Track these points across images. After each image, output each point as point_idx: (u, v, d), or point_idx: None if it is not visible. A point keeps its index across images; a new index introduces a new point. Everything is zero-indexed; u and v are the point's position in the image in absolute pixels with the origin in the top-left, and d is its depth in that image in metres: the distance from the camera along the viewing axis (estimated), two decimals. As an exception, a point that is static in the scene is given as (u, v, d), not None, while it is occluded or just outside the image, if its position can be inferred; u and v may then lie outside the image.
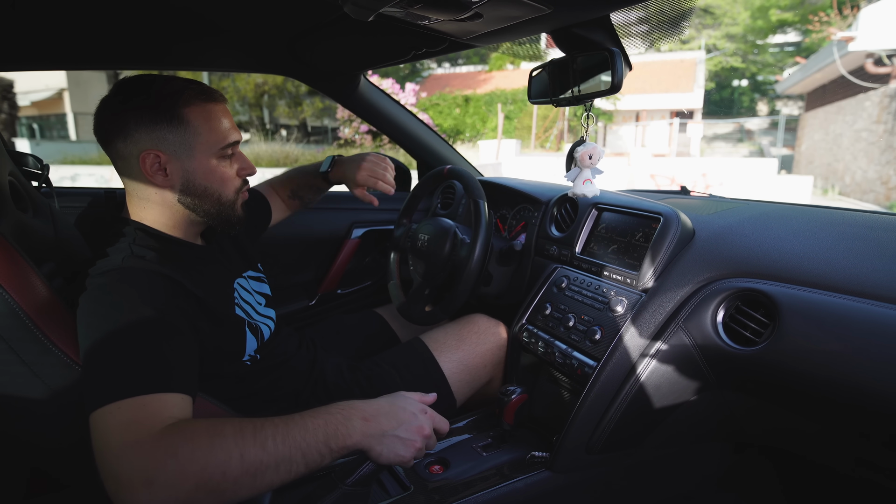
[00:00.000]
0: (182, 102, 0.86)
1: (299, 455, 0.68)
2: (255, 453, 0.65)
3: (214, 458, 0.63)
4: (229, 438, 0.65)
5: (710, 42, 19.98)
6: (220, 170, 0.91)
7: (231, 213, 0.96)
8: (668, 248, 1.04)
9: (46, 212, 1.05)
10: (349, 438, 0.72)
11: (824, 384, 0.79)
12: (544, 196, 1.45)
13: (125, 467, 0.61)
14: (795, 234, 0.99)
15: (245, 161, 0.97)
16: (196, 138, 0.87)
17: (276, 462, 0.66)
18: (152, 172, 0.86)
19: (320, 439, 0.70)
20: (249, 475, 0.64)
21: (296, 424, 0.70)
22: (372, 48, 1.27)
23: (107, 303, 0.75)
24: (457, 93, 15.54)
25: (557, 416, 1.09)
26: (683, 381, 0.97)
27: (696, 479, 1.21)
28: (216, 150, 0.90)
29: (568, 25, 0.95)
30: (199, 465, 0.62)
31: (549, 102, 1.10)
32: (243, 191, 0.98)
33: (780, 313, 0.84)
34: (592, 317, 1.09)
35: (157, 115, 0.84)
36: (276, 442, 0.67)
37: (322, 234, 1.75)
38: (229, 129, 0.92)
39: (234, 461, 0.64)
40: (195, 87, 0.89)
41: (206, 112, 0.88)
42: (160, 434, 0.64)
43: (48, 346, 0.73)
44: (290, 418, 0.71)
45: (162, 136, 0.85)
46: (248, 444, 0.65)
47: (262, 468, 0.65)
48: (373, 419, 0.76)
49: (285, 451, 0.67)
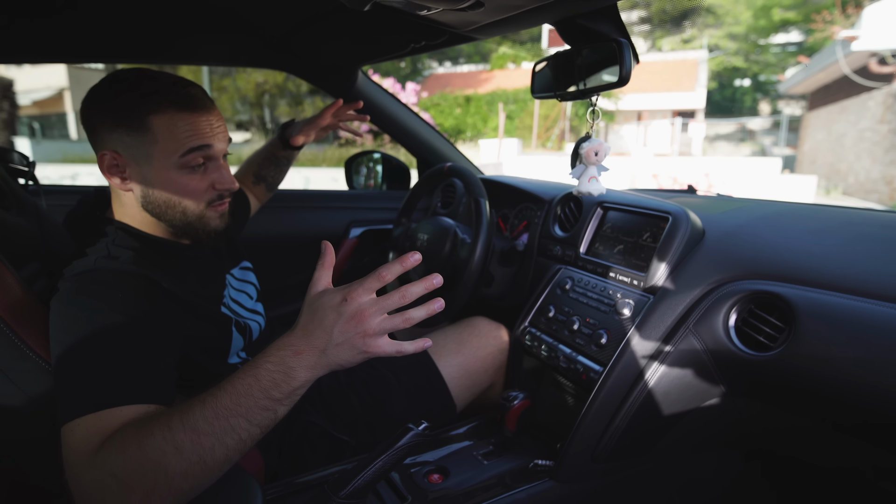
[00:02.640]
0: (150, 108, 0.79)
1: (240, 421, 0.62)
2: (190, 439, 0.60)
3: (149, 462, 0.58)
4: (157, 436, 0.60)
5: (712, 41, 19.94)
6: (181, 181, 0.83)
7: (199, 229, 0.87)
8: (678, 248, 1.00)
9: (32, 210, 1.02)
10: (294, 381, 0.64)
11: (845, 390, 0.75)
12: (547, 195, 1.41)
13: (79, 489, 0.59)
14: (811, 234, 0.95)
15: (222, 174, 0.86)
16: (154, 146, 0.80)
17: (218, 436, 0.61)
18: (110, 173, 0.82)
19: (257, 395, 0.63)
20: (194, 462, 0.60)
21: (223, 392, 0.63)
22: (370, 42, 1.23)
23: (74, 308, 0.71)
24: (458, 92, 15.51)
25: (561, 423, 1.06)
26: (693, 387, 0.93)
27: (703, 489, 1.18)
28: (175, 159, 0.81)
29: (573, 15, 0.91)
30: (137, 473, 0.58)
31: (553, 97, 1.06)
32: (217, 205, 0.88)
33: (797, 317, 0.80)
34: (598, 320, 1.05)
35: (116, 115, 0.80)
36: (207, 418, 0.61)
37: (319, 234, 1.71)
38: (194, 135, 0.81)
39: (171, 456, 0.59)
40: (174, 92, 0.81)
41: (175, 120, 0.80)
42: (96, 452, 0.60)
43: (25, 352, 0.69)
44: (218, 387, 0.64)
45: (120, 138, 0.80)
46: (177, 434, 0.60)
47: (204, 451, 0.60)
48: (304, 347, 0.65)
49: (222, 424, 0.61)
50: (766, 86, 21.74)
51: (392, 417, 1.09)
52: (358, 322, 0.65)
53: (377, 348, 0.67)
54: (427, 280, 0.70)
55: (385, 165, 1.97)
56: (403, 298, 0.68)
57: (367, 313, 0.66)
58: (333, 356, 0.66)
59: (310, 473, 0.95)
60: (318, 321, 0.67)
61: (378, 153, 1.97)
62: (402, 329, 0.71)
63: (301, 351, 0.65)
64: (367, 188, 1.96)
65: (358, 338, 0.66)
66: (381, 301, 0.67)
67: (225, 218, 0.91)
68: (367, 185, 1.97)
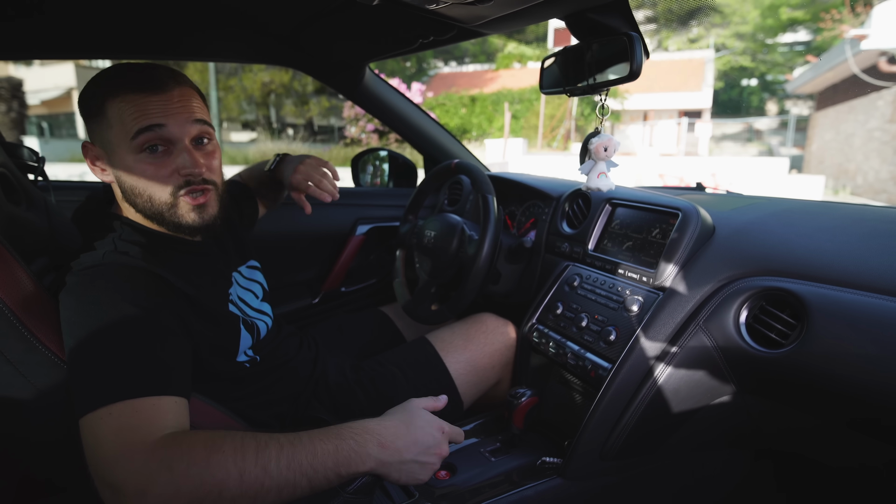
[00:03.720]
0: (106, 93, 0.77)
1: (304, 481, 0.64)
2: (256, 475, 0.62)
3: (211, 476, 0.59)
4: (228, 456, 0.61)
5: (718, 41, 19.82)
6: (141, 167, 0.79)
7: (172, 219, 0.83)
8: (688, 244, 0.99)
9: (41, 205, 1.02)
10: (363, 465, 0.69)
11: (858, 388, 0.74)
12: (555, 191, 1.40)
13: (118, 476, 0.58)
14: (823, 231, 0.94)
15: (185, 158, 0.80)
16: (110, 131, 0.78)
17: (279, 486, 0.63)
18: (93, 165, 0.83)
19: (329, 466, 0.66)
20: (248, 497, 0.61)
21: (303, 447, 0.66)
22: (377, 37, 1.23)
23: (87, 301, 0.71)
24: (463, 92, 15.49)
25: (569, 420, 1.05)
26: (703, 385, 0.92)
27: (712, 487, 1.16)
28: (127, 143, 0.77)
29: (583, 9, 0.90)
30: (195, 481, 0.59)
31: (563, 93, 1.05)
32: (186, 193, 0.82)
33: (809, 314, 0.79)
34: (606, 317, 1.04)
35: (85, 107, 0.81)
36: (280, 465, 0.63)
37: (326, 231, 1.71)
38: (140, 115, 0.77)
39: (233, 481, 0.60)
40: (132, 76, 0.78)
41: (129, 102, 0.76)
42: (156, 445, 0.60)
43: (34, 344, 0.70)
44: (297, 438, 0.67)
45: (91, 128, 0.81)
46: (248, 463, 0.62)
47: (262, 491, 0.62)
48: (390, 445, 0.72)
49: (289, 476, 0.63)
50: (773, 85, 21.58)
51: (399, 414, 1.08)
52: (438, 455, 0.77)
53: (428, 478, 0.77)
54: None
55: (391, 163, 1.96)
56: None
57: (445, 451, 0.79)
58: (405, 468, 0.73)
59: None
60: (415, 431, 0.75)
61: (384, 151, 1.97)
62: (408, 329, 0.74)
63: (386, 446, 0.72)
64: (374, 186, 1.96)
65: (430, 467, 0.75)
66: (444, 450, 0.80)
67: (204, 213, 0.85)
68: (374, 182, 1.97)
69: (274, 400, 0.98)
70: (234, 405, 0.90)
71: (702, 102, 16.22)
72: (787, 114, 20.19)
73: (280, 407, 0.99)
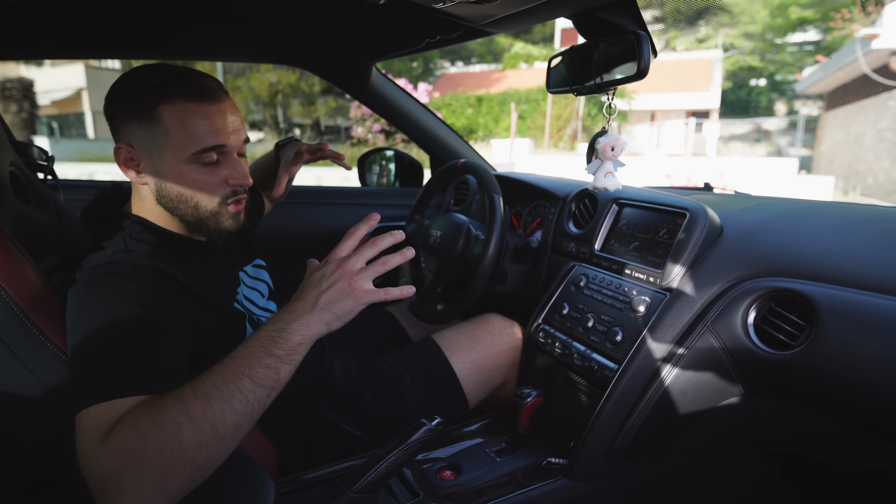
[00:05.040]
0: (158, 98, 0.78)
1: (248, 382, 0.65)
2: (201, 406, 0.62)
3: (164, 435, 0.59)
4: (170, 409, 0.61)
5: (727, 41, 19.68)
6: (193, 176, 0.82)
7: (213, 226, 0.87)
8: (695, 244, 0.98)
9: (51, 204, 1.03)
10: (291, 336, 0.69)
11: (868, 389, 0.74)
12: (561, 191, 1.39)
13: (93, 476, 0.59)
14: (833, 231, 0.93)
15: (237, 169, 0.85)
16: (166, 139, 0.79)
17: (227, 401, 0.63)
18: (125, 167, 0.83)
19: (260, 354, 0.67)
20: (207, 430, 0.61)
21: (230, 358, 0.67)
22: (384, 36, 1.23)
23: (92, 298, 0.72)
24: (470, 92, 15.47)
25: (575, 421, 1.04)
26: (711, 386, 0.92)
27: (720, 490, 1.16)
28: (187, 155, 0.80)
29: (590, 8, 0.90)
30: (154, 450, 0.58)
31: (570, 92, 1.05)
32: (232, 202, 0.87)
33: (819, 315, 0.78)
34: (613, 317, 1.04)
35: (130, 108, 0.80)
36: (217, 384, 0.64)
37: (332, 230, 1.71)
38: (209, 132, 0.80)
39: (185, 426, 0.60)
40: (183, 83, 0.80)
41: (186, 111, 0.79)
42: (108, 435, 0.60)
43: (42, 342, 0.70)
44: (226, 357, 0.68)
45: (133, 131, 0.80)
46: (189, 403, 0.62)
47: (215, 417, 0.62)
48: (297, 306, 0.72)
49: (231, 387, 0.64)
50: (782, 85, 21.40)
51: (405, 413, 1.08)
52: (341, 270, 0.72)
53: (364, 293, 0.72)
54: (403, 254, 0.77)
55: (398, 163, 1.97)
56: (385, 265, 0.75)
57: (348, 262, 0.73)
58: (325, 306, 0.71)
59: (322, 468, 0.95)
60: (307, 283, 0.74)
61: (391, 150, 1.97)
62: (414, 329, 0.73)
63: (295, 309, 0.71)
64: (380, 185, 1.96)
65: (344, 282, 0.72)
66: (359, 251, 0.75)
67: (239, 219, 0.90)
68: (380, 182, 1.97)
69: (280, 398, 0.98)
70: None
71: (710, 102, 16.12)
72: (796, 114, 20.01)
73: (286, 405, 0.99)
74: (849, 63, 10.87)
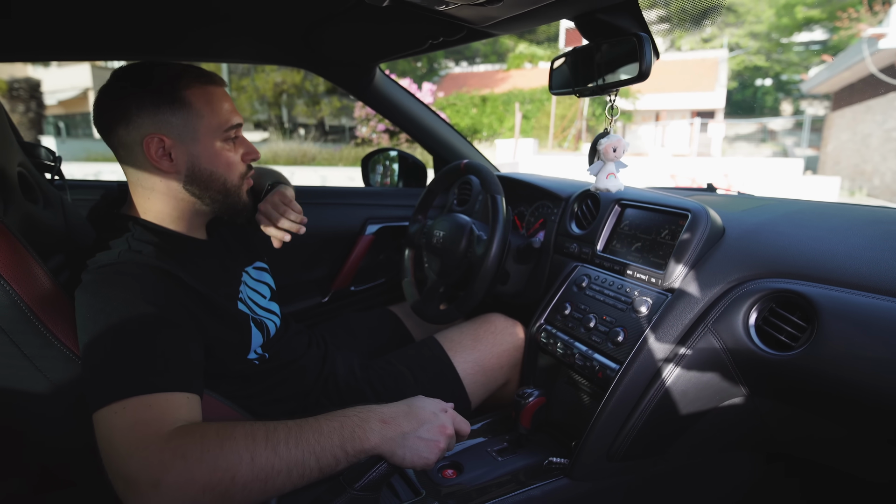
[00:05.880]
0: (182, 85, 0.84)
1: (313, 459, 0.66)
2: (267, 457, 0.63)
3: (224, 462, 0.61)
4: (240, 441, 0.63)
5: (732, 40, 19.60)
6: (224, 154, 0.89)
7: (237, 201, 0.94)
8: (697, 245, 0.99)
9: (58, 204, 1.04)
10: (367, 441, 0.70)
11: (869, 391, 0.74)
12: (564, 192, 1.40)
13: (132, 469, 0.60)
14: (835, 233, 0.93)
15: (249, 146, 0.94)
16: (199, 121, 0.85)
17: (289, 466, 0.64)
18: (158, 158, 0.84)
19: (335, 443, 0.68)
20: (260, 480, 0.63)
21: (310, 427, 0.68)
22: (387, 37, 1.23)
23: (103, 298, 0.73)
24: (474, 92, 15.46)
25: (576, 421, 1.05)
26: (712, 387, 0.92)
27: (722, 491, 1.16)
28: (220, 132, 0.88)
29: (593, 10, 0.90)
30: (208, 468, 0.60)
31: (572, 93, 1.05)
32: (248, 177, 0.95)
33: (820, 316, 0.79)
34: (615, 317, 1.04)
35: (158, 98, 0.82)
36: (289, 445, 0.65)
37: (335, 230, 1.72)
38: (231, 111, 0.90)
39: (245, 465, 0.62)
40: (194, 70, 0.88)
41: (207, 94, 0.87)
42: (168, 436, 0.62)
43: (50, 340, 0.71)
44: (304, 421, 0.69)
45: (165, 119, 0.83)
46: (259, 447, 0.64)
47: (273, 472, 0.63)
48: (391, 421, 0.73)
49: (298, 455, 0.65)
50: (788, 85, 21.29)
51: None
52: (442, 432, 0.75)
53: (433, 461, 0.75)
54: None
55: (401, 163, 1.97)
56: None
57: (449, 430, 0.77)
58: (408, 444, 0.72)
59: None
60: (416, 409, 0.76)
61: (394, 151, 1.97)
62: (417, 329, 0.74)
63: (388, 422, 0.73)
64: (384, 186, 1.97)
65: (434, 444, 0.74)
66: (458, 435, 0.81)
67: (250, 195, 0.97)
68: (384, 182, 1.97)
69: (283, 397, 1.00)
70: (245, 402, 0.92)
71: (715, 102, 16.06)
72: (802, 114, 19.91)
73: (290, 404, 1.00)
74: (855, 63, 10.80)
